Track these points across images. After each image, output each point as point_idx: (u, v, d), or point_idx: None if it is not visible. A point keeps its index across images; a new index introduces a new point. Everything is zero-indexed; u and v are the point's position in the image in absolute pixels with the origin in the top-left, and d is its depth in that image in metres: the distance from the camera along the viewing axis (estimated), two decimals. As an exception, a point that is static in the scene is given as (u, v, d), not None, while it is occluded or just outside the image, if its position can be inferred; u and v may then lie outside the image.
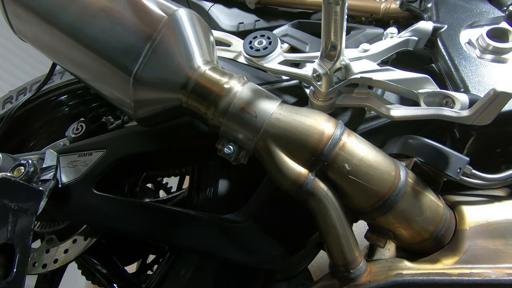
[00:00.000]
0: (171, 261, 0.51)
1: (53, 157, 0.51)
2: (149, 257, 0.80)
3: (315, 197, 0.38)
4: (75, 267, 0.63)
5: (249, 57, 0.48)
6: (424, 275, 0.37)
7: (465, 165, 0.39)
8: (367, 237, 0.42)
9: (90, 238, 0.55)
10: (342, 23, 0.35)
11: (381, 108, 0.42)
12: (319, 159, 0.36)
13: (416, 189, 0.39)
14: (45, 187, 0.46)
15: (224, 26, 0.71)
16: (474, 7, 0.50)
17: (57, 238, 0.58)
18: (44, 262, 0.55)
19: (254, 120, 0.38)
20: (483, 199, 0.43)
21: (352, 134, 0.39)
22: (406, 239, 0.40)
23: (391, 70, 0.42)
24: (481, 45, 0.46)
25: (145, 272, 0.79)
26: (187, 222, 0.46)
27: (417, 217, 0.39)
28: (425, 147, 0.40)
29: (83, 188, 0.49)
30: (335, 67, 0.40)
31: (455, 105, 0.39)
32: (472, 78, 0.43)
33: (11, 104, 0.69)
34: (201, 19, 0.44)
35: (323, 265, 1.16)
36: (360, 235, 0.42)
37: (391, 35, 0.49)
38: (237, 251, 0.45)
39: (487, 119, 0.34)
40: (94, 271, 0.61)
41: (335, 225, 0.38)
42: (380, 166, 0.38)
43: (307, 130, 0.37)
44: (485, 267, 0.37)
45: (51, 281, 0.64)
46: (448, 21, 0.49)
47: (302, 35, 0.56)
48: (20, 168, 0.46)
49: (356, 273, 0.39)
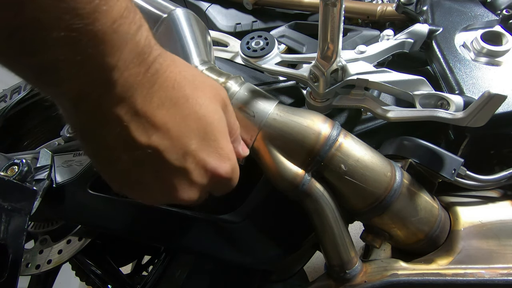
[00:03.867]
0: (167, 261, 0.51)
1: (48, 156, 0.50)
2: (144, 258, 0.80)
3: (311, 198, 0.38)
4: (69, 268, 0.62)
5: (246, 58, 0.48)
6: (419, 275, 0.38)
7: (459, 166, 0.39)
8: (362, 237, 0.43)
9: (85, 239, 0.54)
10: (339, 24, 0.35)
11: (377, 110, 0.42)
12: (316, 160, 0.37)
13: (411, 190, 0.39)
14: (39, 187, 0.45)
15: (221, 26, 0.71)
16: (469, 11, 0.51)
17: (51, 238, 0.57)
18: (38, 263, 0.54)
19: (252, 120, 0.38)
20: (477, 200, 0.43)
21: (349, 135, 0.39)
22: (401, 240, 0.41)
23: (387, 71, 0.42)
24: (476, 48, 0.46)
25: (140, 273, 0.78)
26: (183, 223, 0.46)
27: (412, 218, 0.39)
28: (420, 149, 0.41)
29: (78, 187, 0.48)
30: (331, 68, 0.40)
31: (450, 107, 0.39)
32: (466, 81, 0.44)
33: (5, 103, 0.68)
34: (198, 19, 0.44)
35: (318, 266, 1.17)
36: (356, 236, 0.42)
37: (387, 37, 0.49)
38: (233, 252, 0.45)
39: (481, 121, 0.35)
40: (89, 272, 0.60)
41: (331, 225, 0.38)
42: (376, 167, 0.38)
43: (304, 130, 0.37)
44: (479, 267, 0.37)
45: (44, 282, 0.63)
46: (443, 24, 0.50)
47: (299, 36, 0.56)
48: (13, 167, 0.46)
49: (351, 274, 0.39)
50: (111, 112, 0.23)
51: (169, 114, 0.26)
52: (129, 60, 0.22)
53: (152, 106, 0.25)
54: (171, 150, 0.26)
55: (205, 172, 0.29)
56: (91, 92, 0.22)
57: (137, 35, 0.23)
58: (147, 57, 0.24)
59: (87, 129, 0.25)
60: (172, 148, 0.26)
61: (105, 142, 0.25)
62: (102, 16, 0.20)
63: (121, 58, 0.22)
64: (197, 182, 0.29)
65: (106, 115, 0.23)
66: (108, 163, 0.27)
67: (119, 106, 0.23)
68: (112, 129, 0.24)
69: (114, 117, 0.24)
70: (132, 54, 0.23)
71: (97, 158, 0.27)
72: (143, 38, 0.23)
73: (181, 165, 0.27)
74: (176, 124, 0.26)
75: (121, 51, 0.22)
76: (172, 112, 0.26)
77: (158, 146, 0.26)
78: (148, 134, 0.25)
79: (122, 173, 0.27)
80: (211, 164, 0.29)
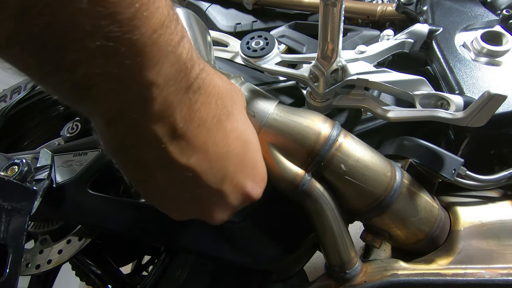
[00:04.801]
0: (167, 261, 0.51)
1: (48, 156, 0.50)
2: (144, 258, 0.80)
3: (311, 198, 0.38)
4: (69, 268, 0.62)
5: (246, 58, 0.48)
6: (419, 275, 0.38)
7: (459, 166, 0.39)
8: (362, 237, 0.43)
9: (85, 239, 0.54)
10: (339, 24, 0.35)
11: (377, 110, 0.42)
12: (316, 160, 0.37)
13: (411, 190, 0.39)
14: (39, 187, 0.45)
15: (221, 26, 0.71)
16: (469, 11, 0.51)
17: (51, 238, 0.57)
18: (38, 262, 0.54)
19: (252, 120, 0.38)
20: (477, 200, 0.43)
21: (349, 135, 0.39)
22: (401, 240, 0.41)
23: (387, 71, 0.42)
24: (476, 48, 0.46)
25: (140, 273, 0.78)
26: (183, 222, 0.46)
27: (412, 218, 0.39)
28: (421, 149, 0.41)
29: (78, 187, 0.48)
30: (331, 68, 0.40)
31: (450, 107, 0.39)
32: (466, 81, 0.44)
33: (5, 103, 0.68)
34: (198, 19, 0.44)
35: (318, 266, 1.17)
36: (356, 236, 0.42)
37: (387, 37, 0.49)
38: (233, 252, 0.45)
39: (481, 121, 0.35)
40: (89, 272, 0.60)
41: (331, 225, 0.38)
42: (376, 167, 0.38)
43: (304, 130, 0.37)
44: (479, 267, 0.37)
45: (44, 282, 0.63)
46: (443, 24, 0.50)
47: (299, 36, 0.56)
48: (13, 167, 0.46)
49: (351, 274, 0.39)
50: (149, 132, 0.21)
51: (209, 134, 0.24)
52: (169, 75, 0.20)
53: (193, 126, 0.23)
54: (210, 172, 0.25)
55: (240, 195, 0.29)
56: (128, 110, 0.20)
57: (178, 47, 0.20)
58: (189, 72, 0.22)
59: (122, 148, 0.23)
60: (210, 170, 0.25)
61: (141, 162, 0.23)
62: (141, 23, 0.17)
63: (161, 73, 0.20)
64: (231, 205, 0.29)
65: (143, 135, 0.22)
66: (144, 181, 0.25)
67: (158, 126, 0.21)
68: (149, 150, 0.22)
69: (152, 138, 0.22)
70: (173, 69, 0.20)
71: (132, 175, 0.25)
72: (185, 51, 0.21)
73: (218, 188, 0.26)
74: (216, 144, 0.25)
75: (161, 65, 0.19)
76: (213, 131, 0.24)
77: (196, 168, 0.24)
78: (187, 156, 0.23)
79: (158, 191, 0.26)
80: (247, 188, 0.28)
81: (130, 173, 0.26)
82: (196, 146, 0.24)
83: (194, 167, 0.24)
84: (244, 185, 0.28)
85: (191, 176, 0.24)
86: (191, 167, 0.24)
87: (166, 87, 0.20)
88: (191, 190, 0.26)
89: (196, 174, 0.24)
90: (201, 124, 0.23)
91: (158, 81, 0.20)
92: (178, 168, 0.24)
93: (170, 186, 0.25)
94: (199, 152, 0.24)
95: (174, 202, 0.27)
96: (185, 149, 0.23)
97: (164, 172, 0.24)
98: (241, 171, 0.28)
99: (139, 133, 0.22)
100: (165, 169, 0.24)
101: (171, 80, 0.20)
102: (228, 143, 0.26)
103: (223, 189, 0.27)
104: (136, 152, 0.23)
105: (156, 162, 0.23)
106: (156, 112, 0.21)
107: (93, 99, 0.19)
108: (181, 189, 0.26)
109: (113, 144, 0.23)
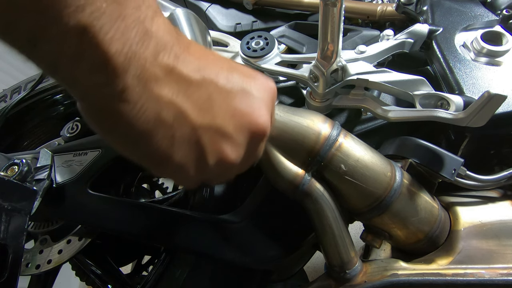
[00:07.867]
0: (167, 261, 0.50)
1: (48, 156, 0.50)
2: (144, 258, 0.80)
3: (311, 198, 0.38)
4: (69, 268, 0.62)
5: (246, 58, 0.48)
6: (419, 275, 0.38)
7: (459, 166, 0.39)
8: (362, 237, 0.43)
9: (85, 239, 0.54)
10: (339, 24, 0.35)
11: (377, 110, 0.42)
12: (316, 160, 0.37)
13: (411, 190, 0.39)
14: (39, 187, 0.45)
15: (221, 26, 0.71)
16: (469, 11, 0.51)
17: (51, 238, 0.57)
18: (38, 262, 0.54)
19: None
20: (477, 200, 0.43)
21: (349, 135, 0.39)
22: (401, 240, 0.41)
23: (387, 71, 0.42)
24: (476, 48, 0.46)
25: (140, 273, 0.78)
26: (183, 223, 0.46)
27: (412, 218, 0.39)
28: (420, 149, 0.41)
29: (78, 187, 0.48)
30: (331, 68, 0.40)
31: (450, 107, 0.39)
32: (466, 81, 0.44)
33: (5, 103, 0.68)
34: (198, 19, 0.44)
35: (318, 266, 1.17)
36: (356, 236, 0.42)
37: (387, 37, 0.49)
38: (233, 252, 0.45)
39: (481, 121, 0.35)
40: (89, 272, 0.60)
41: (331, 225, 0.38)
42: (376, 167, 0.38)
43: (304, 130, 0.37)
44: (479, 267, 0.37)
45: (44, 282, 0.63)
46: (443, 24, 0.50)
47: (299, 36, 0.56)
48: (13, 167, 0.46)
49: (351, 274, 0.39)
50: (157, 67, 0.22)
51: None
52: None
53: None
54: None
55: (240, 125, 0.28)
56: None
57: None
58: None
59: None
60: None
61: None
62: None
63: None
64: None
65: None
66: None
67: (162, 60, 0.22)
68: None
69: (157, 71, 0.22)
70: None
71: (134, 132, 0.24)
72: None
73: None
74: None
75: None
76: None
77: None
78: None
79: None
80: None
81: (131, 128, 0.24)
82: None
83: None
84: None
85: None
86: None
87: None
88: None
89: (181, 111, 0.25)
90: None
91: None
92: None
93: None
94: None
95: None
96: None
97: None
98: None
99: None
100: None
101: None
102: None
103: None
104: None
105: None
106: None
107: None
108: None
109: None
